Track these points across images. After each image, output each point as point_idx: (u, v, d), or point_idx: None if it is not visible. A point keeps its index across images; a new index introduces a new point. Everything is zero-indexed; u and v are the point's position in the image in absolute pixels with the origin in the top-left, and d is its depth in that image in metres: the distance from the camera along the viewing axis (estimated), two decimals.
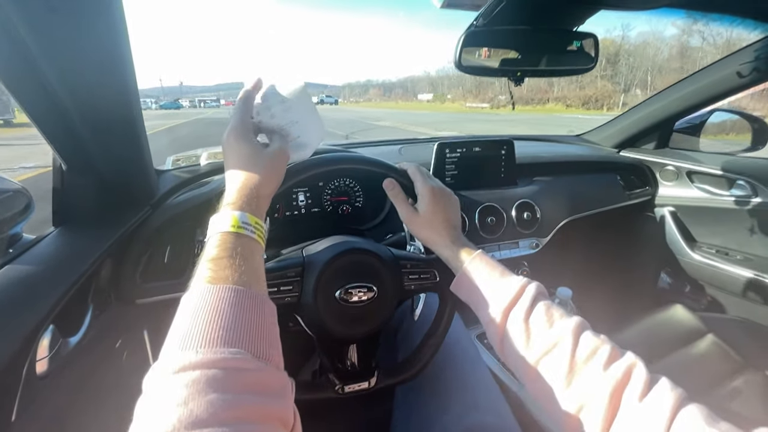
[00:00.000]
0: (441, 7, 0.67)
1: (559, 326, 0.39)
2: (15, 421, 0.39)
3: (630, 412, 0.32)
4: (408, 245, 0.63)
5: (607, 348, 0.37)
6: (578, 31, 0.71)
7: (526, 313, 0.40)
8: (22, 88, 0.46)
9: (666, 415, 0.30)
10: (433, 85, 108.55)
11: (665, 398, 0.32)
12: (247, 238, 0.37)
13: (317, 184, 0.92)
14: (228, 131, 0.44)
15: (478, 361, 0.65)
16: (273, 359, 0.30)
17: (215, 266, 0.33)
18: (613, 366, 0.35)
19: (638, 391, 0.33)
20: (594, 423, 0.34)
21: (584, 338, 0.38)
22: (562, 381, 0.36)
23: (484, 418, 0.55)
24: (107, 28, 0.45)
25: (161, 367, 0.26)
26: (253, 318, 0.31)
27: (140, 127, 0.58)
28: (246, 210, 0.38)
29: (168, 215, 0.69)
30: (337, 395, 0.52)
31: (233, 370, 0.26)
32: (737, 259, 1.19)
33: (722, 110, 1.25)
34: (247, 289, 0.32)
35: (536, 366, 0.39)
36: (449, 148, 0.96)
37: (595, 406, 0.34)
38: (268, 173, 0.43)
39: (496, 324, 0.42)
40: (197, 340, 0.27)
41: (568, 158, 1.31)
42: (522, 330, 0.40)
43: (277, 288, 0.48)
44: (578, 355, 0.37)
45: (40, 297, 0.44)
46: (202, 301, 0.30)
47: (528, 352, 0.39)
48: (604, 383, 0.34)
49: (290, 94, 0.50)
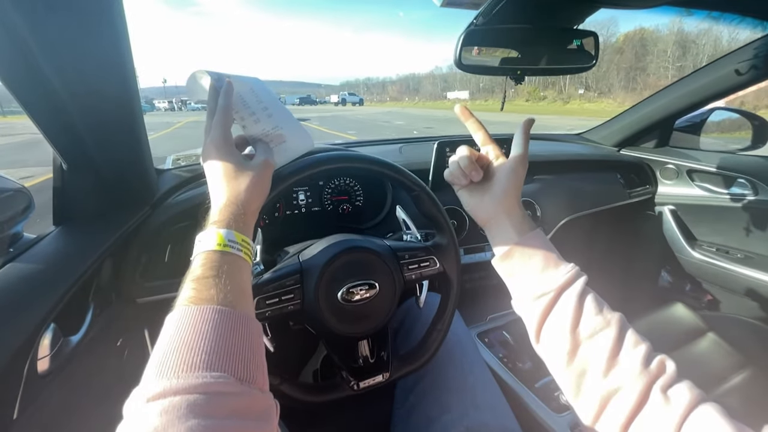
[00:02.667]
0: (441, 6, 0.66)
1: (607, 315, 0.39)
2: (16, 419, 0.39)
3: (652, 402, 0.33)
4: (404, 234, 0.62)
5: (646, 344, 0.37)
6: (578, 29, 0.71)
7: (579, 296, 0.40)
8: (22, 87, 0.46)
9: (682, 408, 0.31)
10: (464, 80, 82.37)
11: (684, 394, 0.32)
12: (234, 256, 0.35)
13: (317, 183, 0.92)
14: (208, 144, 0.42)
15: (479, 360, 0.65)
16: (257, 382, 0.30)
17: (199, 286, 0.32)
18: (654, 362, 0.36)
19: (664, 383, 0.34)
20: (621, 412, 0.34)
21: (629, 331, 0.38)
22: (601, 367, 0.36)
23: (484, 417, 0.55)
24: (108, 27, 0.45)
25: (140, 393, 0.25)
26: (237, 340, 0.30)
27: (140, 127, 0.58)
28: (233, 227, 0.37)
29: (168, 214, 0.69)
30: (354, 392, 0.52)
31: (215, 394, 0.26)
32: (738, 257, 1.18)
33: (722, 108, 1.24)
34: (231, 309, 0.31)
35: (578, 349, 0.38)
36: (449, 146, 0.96)
37: (627, 395, 0.34)
38: (255, 188, 0.41)
39: (545, 302, 0.41)
40: (178, 364, 0.26)
41: (568, 157, 1.31)
42: (572, 311, 0.39)
43: (279, 298, 0.48)
44: (623, 344, 0.37)
45: (41, 296, 0.44)
46: (185, 322, 0.29)
47: (574, 334, 0.39)
48: (642, 376, 0.34)
49: (266, 98, 0.48)
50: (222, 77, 0.45)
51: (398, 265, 0.54)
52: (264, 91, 0.49)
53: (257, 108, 0.48)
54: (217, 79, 0.45)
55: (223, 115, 0.43)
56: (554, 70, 0.77)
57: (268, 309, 0.47)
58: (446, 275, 0.57)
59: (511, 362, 0.89)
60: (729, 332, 0.92)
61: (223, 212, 0.38)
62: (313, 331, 0.53)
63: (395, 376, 0.54)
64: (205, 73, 0.45)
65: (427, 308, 0.64)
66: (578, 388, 0.38)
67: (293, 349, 0.85)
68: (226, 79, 0.44)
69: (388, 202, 0.95)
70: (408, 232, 0.62)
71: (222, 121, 0.42)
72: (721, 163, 1.19)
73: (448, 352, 0.62)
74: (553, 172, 1.22)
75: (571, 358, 0.38)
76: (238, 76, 0.47)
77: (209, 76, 0.45)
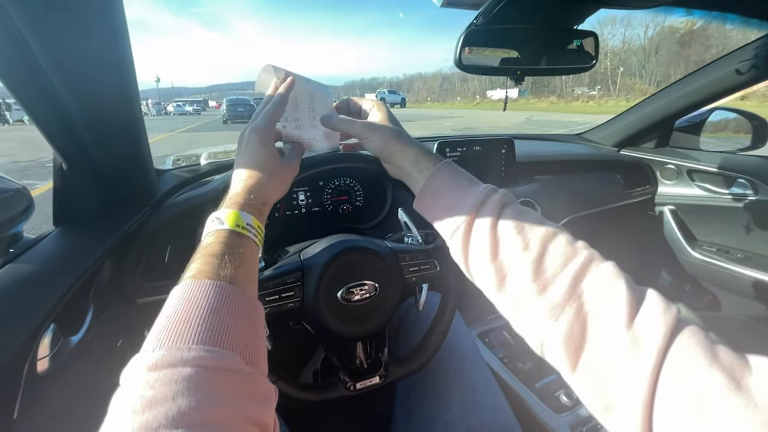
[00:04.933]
0: (441, 6, 0.67)
1: (528, 234, 0.35)
2: (16, 419, 0.39)
3: (610, 337, 0.29)
4: (405, 236, 0.63)
5: (581, 257, 0.33)
6: (578, 29, 0.71)
7: (491, 222, 0.37)
8: (22, 87, 0.46)
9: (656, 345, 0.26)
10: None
11: (656, 326, 0.27)
12: (249, 239, 0.36)
13: (318, 184, 0.92)
14: (251, 129, 0.43)
15: (479, 360, 0.65)
16: (260, 365, 0.30)
17: (213, 261, 0.32)
18: (587, 279, 0.31)
19: (622, 313, 0.29)
20: (559, 347, 0.30)
21: (554, 246, 0.34)
22: (531, 295, 0.33)
23: (484, 417, 0.55)
24: (108, 27, 0.45)
25: (142, 361, 0.25)
26: (245, 321, 0.30)
27: (140, 127, 0.58)
28: (253, 213, 0.38)
29: (169, 215, 0.69)
30: (350, 393, 0.52)
31: (224, 371, 0.26)
32: (738, 257, 1.18)
33: (722, 109, 1.24)
34: (242, 290, 0.32)
35: (505, 280, 0.35)
36: (449, 147, 0.96)
37: (560, 326, 0.31)
38: (280, 184, 0.43)
39: (459, 237, 0.39)
40: (190, 335, 0.26)
41: (568, 157, 1.31)
42: (488, 240, 0.36)
43: (279, 295, 0.48)
44: (544, 265, 0.33)
45: (41, 296, 0.44)
46: (195, 295, 0.29)
47: (495, 264, 0.36)
48: (575, 297, 0.31)
49: (319, 106, 0.50)
50: (288, 74, 0.46)
51: (399, 267, 0.54)
52: (322, 100, 0.50)
53: (305, 115, 0.49)
54: (284, 74, 0.46)
55: (274, 108, 0.44)
56: (554, 71, 0.77)
57: (268, 306, 0.47)
58: (446, 278, 0.57)
59: (511, 362, 0.89)
60: (729, 332, 0.92)
61: (244, 196, 0.39)
62: (311, 330, 0.53)
63: (392, 377, 0.54)
64: (273, 67, 0.47)
65: (427, 310, 0.64)
66: (519, 319, 0.35)
67: (293, 349, 0.84)
68: (290, 77, 0.46)
69: (388, 202, 0.95)
70: (409, 234, 0.62)
71: (271, 112, 0.43)
72: (721, 163, 1.19)
73: (448, 352, 0.62)
74: (553, 173, 1.22)
75: (500, 289, 0.36)
76: (304, 78, 0.48)
77: (275, 70, 0.46)
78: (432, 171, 0.42)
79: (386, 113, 0.49)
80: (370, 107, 0.50)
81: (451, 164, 0.44)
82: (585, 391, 0.30)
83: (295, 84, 0.47)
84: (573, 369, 0.30)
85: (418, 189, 0.44)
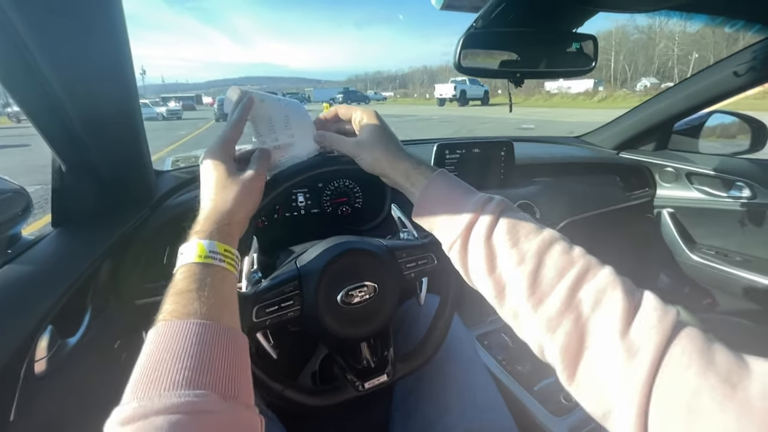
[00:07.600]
0: (440, 9, 0.67)
1: (524, 247, 0.35)
2: (13, 421, 0.39)
3: (606, 346, 0.28)
4: (401, 232, 0.62)
5: (577, 267, 0.33)
6: (577, 32, 0.71)
7: (486, 235, 0.36)
8: (20, 88, 0.46)
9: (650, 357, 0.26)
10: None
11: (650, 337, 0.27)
12: (217, 267, 0.35)
13: (317, 185, 0.92)
14: (206, 152, 0.43)
15: (478, 362, 0.65)
16: (241, 397, 0.29)
17: (181, 299, 0.31)
18: (584, 289, 0.31)
19: (617, 322, 0.28)
20: (556, 357, 0.31)
21: (550, 258, 0.34)
22: (528, 306, 0.33)
23: (483, 420, 0.55)
24: (107, 28, 0.45)
25: (116, 415, 0.24)
26: (219, 354, 0.29)
27: (139, 128, 0.58)
28: (215, 238, 0.36)
29: (167, 216, 0.69)
30: (359, 393, 0.52)
31: (198, 413, 0.25)
32: (737, 260, 1.19)
33: (721, 112, 1.25)
34: (215, 323, 0.31)
35: (504, 291, 0.35)
36: (449, 149, 0.96)
37: (558, 337, 0.30)
38: (242, 199, 0.41)
39: (457, 250, 0.39)
40: (159, 382, 0.26)
41: (567, 159, 1.32)
42: (483, 253, 0.36)
43: (278, 306, 0.48)
44: (540, 277, 0.33)
45: (39, 297, 0.44)
46: (165, 338, 0.28)
47: (494, 276, 0.36)
48: (571, 309, 0.31)
49: (295, 120, 0.49)
50: (247, 94, 0.46)
51: (396, 264, 0.54)
52: (296, 114, 0.50)
53: (282, 135, 0.49)
54: (245, 95, 0.46)
55: (230, 128, 0.44)
56: (553, 73, 0.78)
57: (268, 317, 0.47)
58: (444, 270, 0.57)
59: (510, 365, 0.89)
60: (728, 335, 0.92)
61: (206, 222, 0.38)
62: (314, 335, 0.53)
63: (399, 374, 0.54)
64: (238, 89, 0.47)
65: (427, 308, 0.64)
66: (519, 330, 0.35)
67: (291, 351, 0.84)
68: (249, 95, 0.46)
69: (388, 203, 0.95)
70: (404, 230, 0.62)
71: (226, 131, 0.44)
72: (719, 166, 1.19)
73: (447, 354, 0.62)
74: (552, 175, 1.22)
75: (500, 301, 0.36)
76: (275, 98, 0.49)
77: (240, 91, 0.46)
78: (424, 184, 0.42)
79: (376, 126, 0.47)
80: (360, 118, 0.49)
81: (444, 174, 0.43)
82: (584, 399, 0.30)
83: (266, 105, 0.47)
84: (571, 378, 0.30)
85: (415, 201, 0.44)
